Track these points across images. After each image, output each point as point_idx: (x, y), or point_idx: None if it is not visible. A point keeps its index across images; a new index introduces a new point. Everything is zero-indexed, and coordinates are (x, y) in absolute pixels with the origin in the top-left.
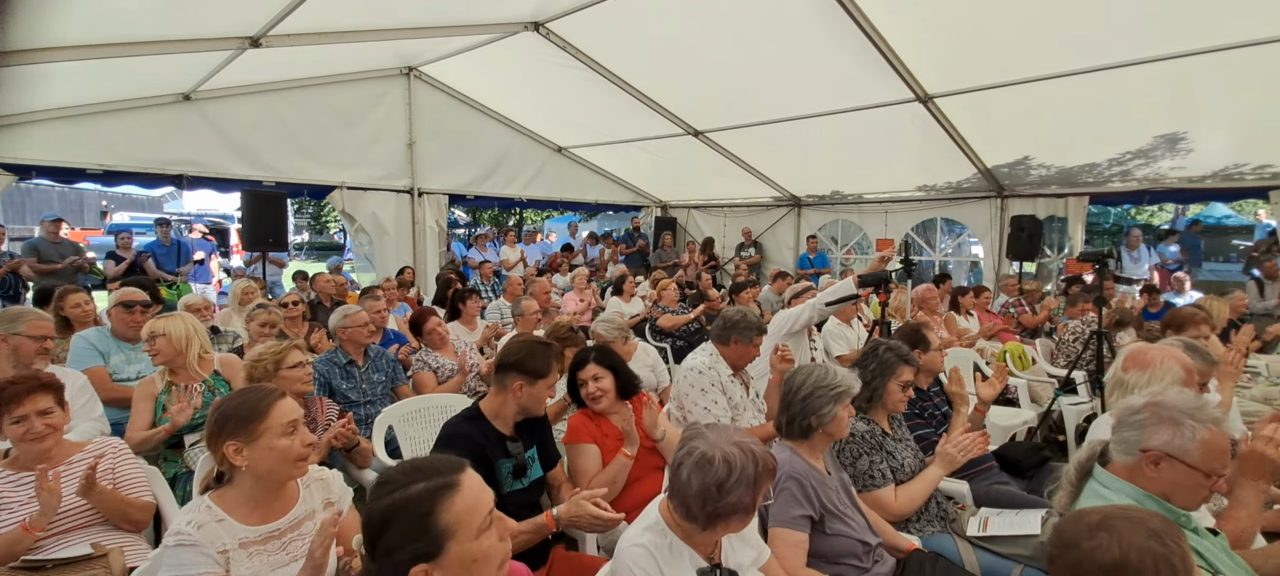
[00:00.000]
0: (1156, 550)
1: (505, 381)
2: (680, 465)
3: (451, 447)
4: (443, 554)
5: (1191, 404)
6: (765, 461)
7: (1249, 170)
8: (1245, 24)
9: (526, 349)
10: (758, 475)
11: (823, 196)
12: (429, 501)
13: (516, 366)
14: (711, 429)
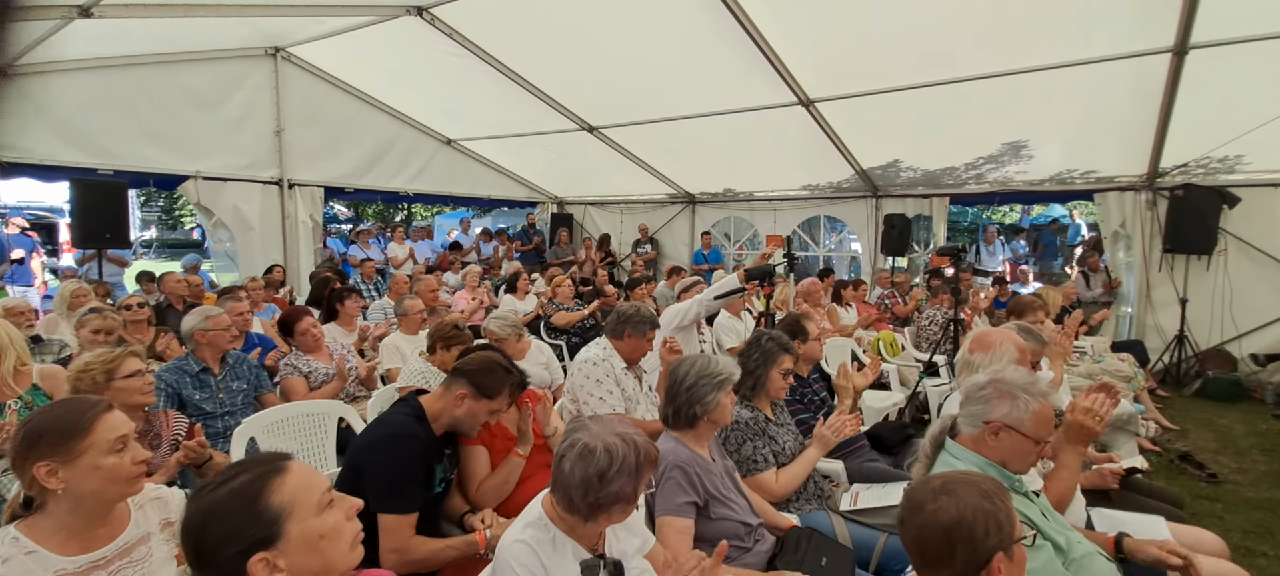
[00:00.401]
0: (987, 508)
1: (452, 387)
2: (563, 457)
3: (405, 448)
4: (282, 536)
5: (1026, 380)
6: (647, 451)
7: (1078, 175)
8: (1072, 46)
9: (486, 364)
10: (639, 464)
11: (716, 194)
12: (255, 486)
13: (469, 376)
14: (595, 420)
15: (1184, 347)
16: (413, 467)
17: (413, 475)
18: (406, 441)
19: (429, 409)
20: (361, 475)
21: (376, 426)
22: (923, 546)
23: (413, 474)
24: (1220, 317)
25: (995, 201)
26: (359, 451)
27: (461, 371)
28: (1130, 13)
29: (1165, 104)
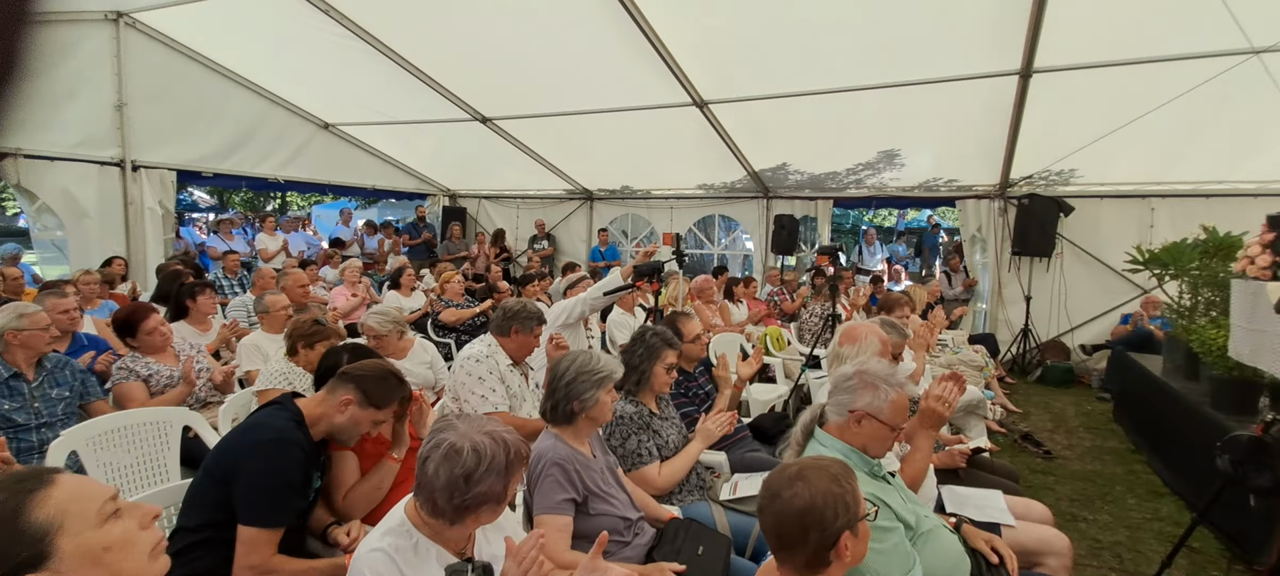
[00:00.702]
0: (836, 492)
1: (337, 391)
2: (427, 459)
3: (287, 455)
4: (52, 554)
5: (887, 371)
6: (517, 448)
7: (943, 183)
8: (937, 64)
9: (380, 372)
10: (510, 462)
11: (614, 190)
12: (10, 506)
13: (358, 382)
14: (461, 419)
15: (1028, 339)
16: (292, 476)
17: (293, 484)
18: (288, 448)
19: (307, 413)
20: (228, 483)
21: (252, 430)
22: (779, 531)
23: (293, 483)
24: (1057, 313)
25: (873, 205)
26: (229, 456)
27: (351, 376)
28: (985, 37)
29: (1014, 121)
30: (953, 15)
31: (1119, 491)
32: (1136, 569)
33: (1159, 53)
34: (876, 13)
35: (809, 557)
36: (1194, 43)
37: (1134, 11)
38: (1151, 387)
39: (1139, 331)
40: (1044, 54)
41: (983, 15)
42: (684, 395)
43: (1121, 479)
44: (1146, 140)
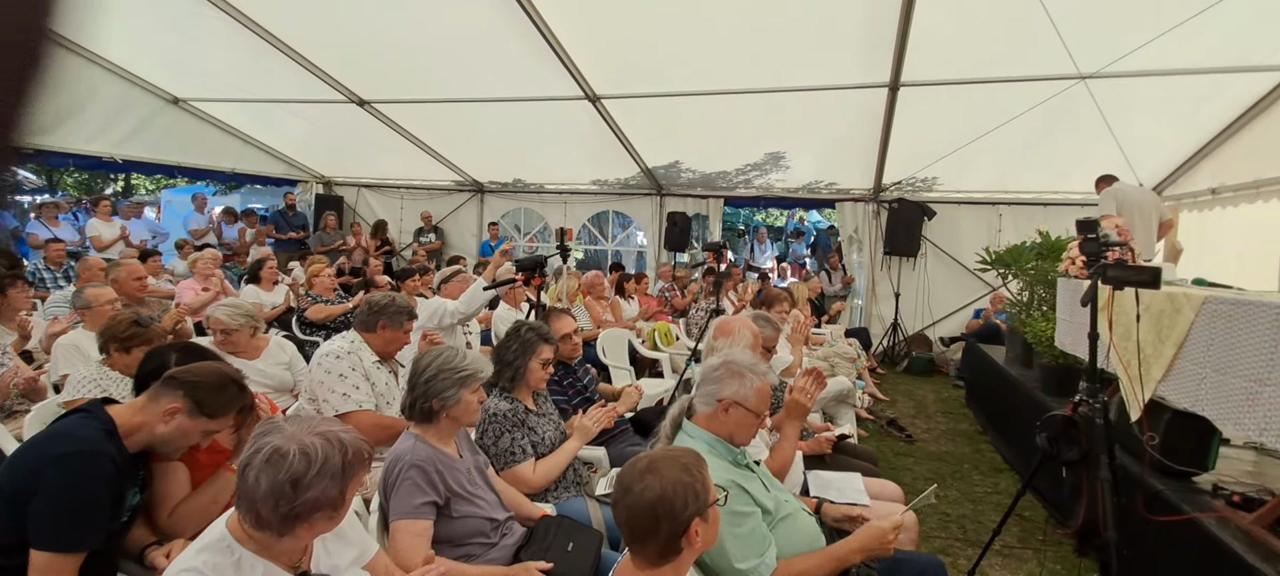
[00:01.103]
0: (686, 480)
1: (161, 397)
2: (247, 466)
3: (92, 470)
4: None
5: (753, 361)
6: (356, 449)
7: (824, 185)
8: (818, 73)
9: (213, 377)
10: (346, 464)
11: (505, 184)
12: None
13: (189, 388)
14: (291, 421)
15: (897, 333)
16: (99, 494)
17: (98, 503)
18: (95, 461)
19: (122, 422)
20: (21, 502)
21: (50, 441)
22: (632, 524)
23: (98, 502)
24: (922, 308)
25: (761, 205)
26: (24, 471)
27: (179, 382)
28: (859, 50)
29: (885, 130)
30: (828, 30)
31: (966, 469)
32: (978, 537)
33: (1004, 74)
34: (759, 22)
35: (661, 546)
36: (1033, 66)
37: (983, 36)
38: (995, 375)
39: (988, 325)
40: (909, 70)
41: (855, 32)
42: (565, 389)
43: (969, 458)
44: (994, 153)
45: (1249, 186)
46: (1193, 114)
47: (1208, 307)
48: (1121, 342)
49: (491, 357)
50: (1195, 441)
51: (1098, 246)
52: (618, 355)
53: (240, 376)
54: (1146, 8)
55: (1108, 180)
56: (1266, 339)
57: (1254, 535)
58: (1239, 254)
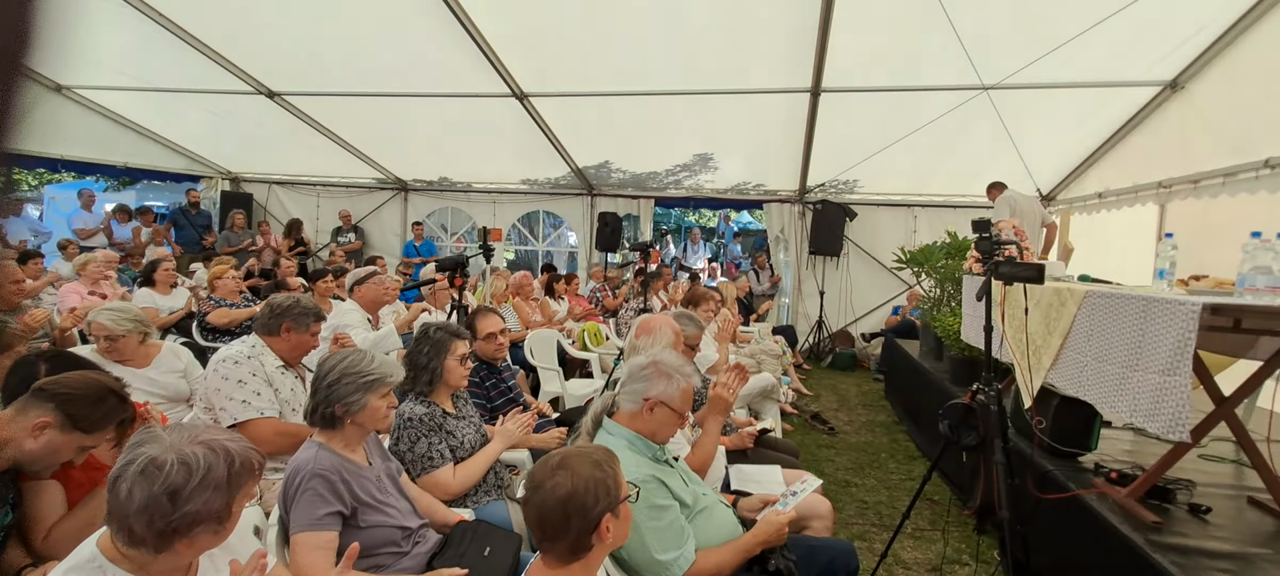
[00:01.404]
0: (597, 476)
1: (29, 410)
2: (118, 478)
3: None
4: None
5: (680, 363)
6: (244, 458)
7: (751, 187)
8: (744, 76)
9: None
10: (233, 474)
11: (431, 182)
12: None
13: (60, 401)
14: (172, 430)
15: (822, 330)
16: None
17: None
18: None
19: None
20: None
21: None
22: (542, 522)
23: None
24: (845, 306)
25: (691, 205)
26: None
27: (50, 393)
28: (782, 55)
29: (808, 134)
30: (753, 35)
31: (884, 458)
32: (892, 521)
33: (915, 83)
34: (686, 25)
35: (572, 543)
36: (942, 77)
37: (896, 47)
38: (910, 368)
39: (904, 321)
40: (829, 76)
41: (778, 38)
42: (488, 391)
43: (887, 447)
44: (909, 157)
45: (1129, 191)
46: (1081, 124)
47: (1088, 301)
48: (1014, 335)
49: (404, 363)
50: (1080, 424)
51: (990, 245)
52: (546, 356)
53: (120, 386)
54: (1039, 26)
55: (999, 187)
56: (1135, 328)
57: (1127, 508)
58: (1122, 252)
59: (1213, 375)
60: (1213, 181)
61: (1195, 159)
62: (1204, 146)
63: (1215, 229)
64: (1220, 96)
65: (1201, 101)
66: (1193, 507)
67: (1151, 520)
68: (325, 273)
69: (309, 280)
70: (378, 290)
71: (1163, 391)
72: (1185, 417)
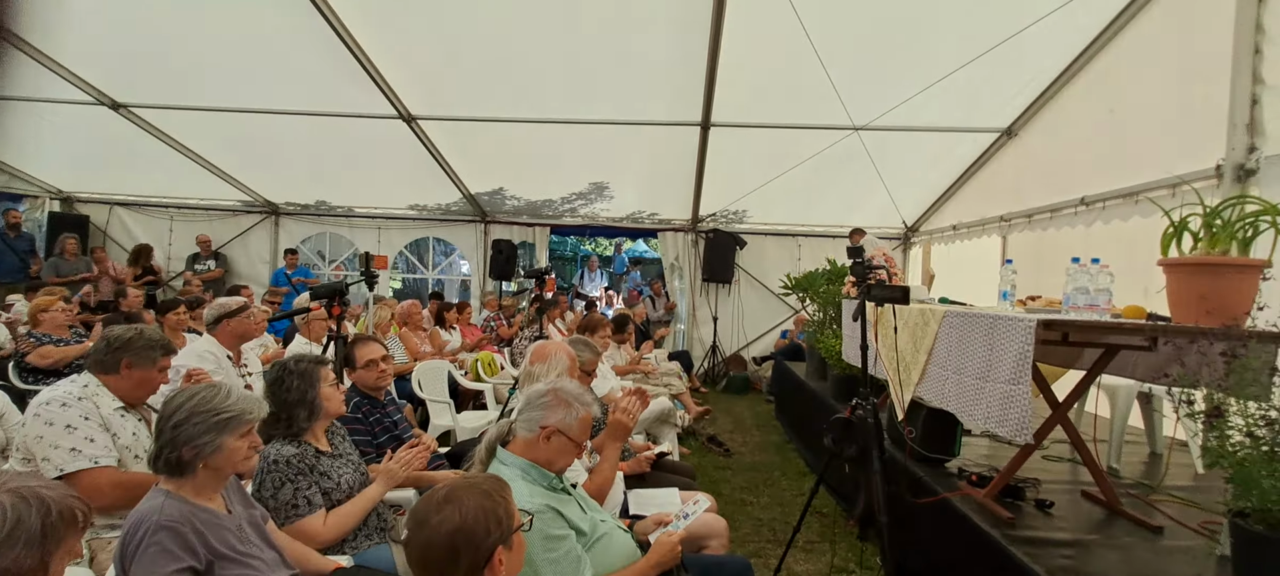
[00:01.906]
0: (487, 506)
1: None
2: None
3: None
4: None
5: (580, 391)
6: (64, 508)
7: (646, 215)
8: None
9: None
10: (48, 527)
11: (306, 206)
12: None
13: None
14: None
15: (716, 354)
16: None
17: None
18: None
19: None
20: None
21: None
22: (427, 561)
23: None
24: (738, 331)
25: (587, 233)
26: None
27: None
28: (674, 89)
29: (699, 165)
30: (646, 68)
31: (776, 476)
32: (785, 536)
33: (796, 121)
34: (579, 55)
35: None
36: (819, 116)
37: (778, 87)
38: (798, 388)
39: (792, 344)
40: (718, 111)
41: (670, 72)
42: (371, 426)
43: (779, 466)
44: (792, 190)
45: (977, 224)
46: (937, 163)
47: (947, 320)
48: (887, 352)
49: (270, 402)
50: (944, 433)
51: (864, 269)
52: (436, 388)
53: None
54: (899, 75)
55: (860, 232)
56: (985, 344)
57: (986, 506)
58: (974, 279)
59: (1049, 384)
60: (1042, 215)
61: (1028, 196)
62: (1035, 186)
63: (1046, 256)
64: (1045, 142)
65: (1030, 146)
66: (1039, 503)
67: (1006, 516)
68: (177, 303)
69: (159, 311)
70: (246, 325)
71: (1010, 399)
72: (1029, 421)
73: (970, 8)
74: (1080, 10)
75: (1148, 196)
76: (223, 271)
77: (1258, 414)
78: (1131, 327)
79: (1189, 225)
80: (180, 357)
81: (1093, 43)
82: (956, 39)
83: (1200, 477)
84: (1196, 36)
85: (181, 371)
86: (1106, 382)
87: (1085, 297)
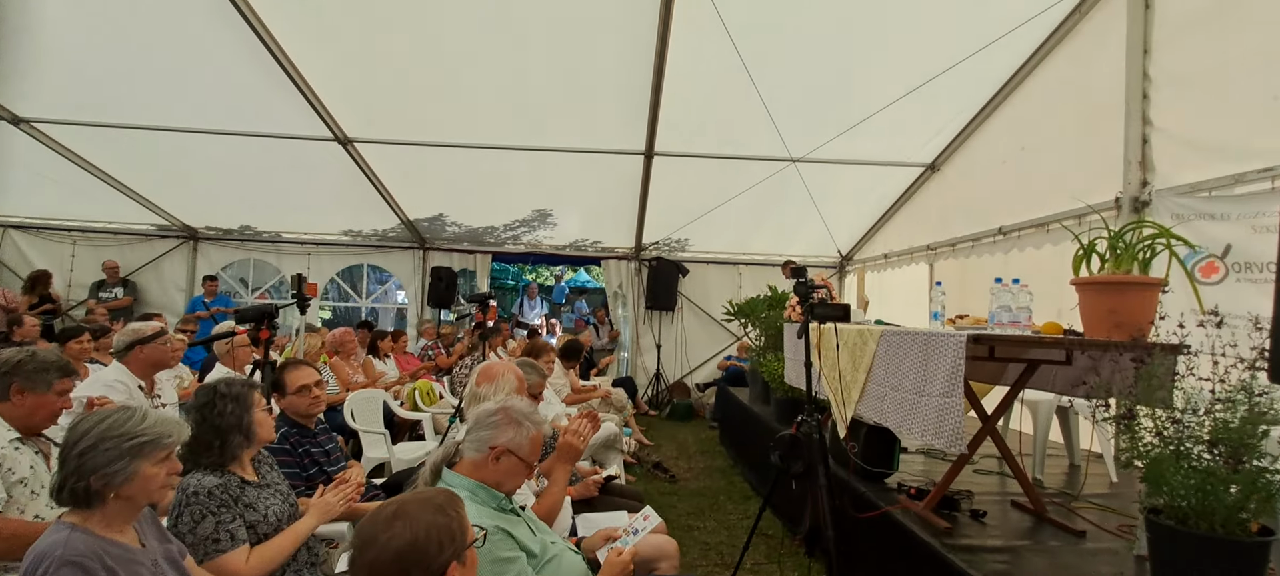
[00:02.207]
0: (441, 522)
1: None
2: None
3: None
4: None
5: (530, 410)
6: None
7: (589, 243)
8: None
9: None
10: None
11: (229, 231)
12: None
13: None
14: None
15: (660, 381)
16: None
17: None
18: None
19: None
20: None
21: None
22: None
23: None
24: (681, 358)
25: (529, 261)
26: None
27: None
28: (618, 118)
29: (643, 193)
30: (591, 97)
31: (722, 501)
32: (733, 559)
33: (736, 152)
34: (527, 84)
35: None
36: (758, 148)
37: (719, 118)
38: (742, 413)
39: (734, 369)
40: (661, 141)
41: (615, 101)
42: (300, 457)
43: (724, 490)
44: (733, 219)
45: (906, 252)
46: (868, 195)
47: (884, 339)
48: (829, 372)
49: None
50: (884, 449)
51: (807, 289)
52: (370, 419)
53: None
54: (832, 110)
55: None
56: (919, 359)
57: (924, 517)
58: (904, 302)
59: (979, 398)
60: (965, 244)
61: (952, 226)
62: (957, 216)
63: (970, 281)
64: (965, 176)
65: (952, 180)
66: (973, 513)
67: (944, 526)
68: (80, 331)
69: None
70: (162, 352)
71: (945, 411)
72: (962, 431)
73: (896, 50)
74: (994, 55)
75: (1058, 225)
76: (132, 300)
77: (1165, 416)
78: (1051, 342)
79: (1097, 248)
80: (83, 387)
81: (1004, 85)
82: (884, 78)
83: (1115, 485)
84: (1094, 82)
85: (82, 402)
86: (1029, 398)
87: (1008, 314)
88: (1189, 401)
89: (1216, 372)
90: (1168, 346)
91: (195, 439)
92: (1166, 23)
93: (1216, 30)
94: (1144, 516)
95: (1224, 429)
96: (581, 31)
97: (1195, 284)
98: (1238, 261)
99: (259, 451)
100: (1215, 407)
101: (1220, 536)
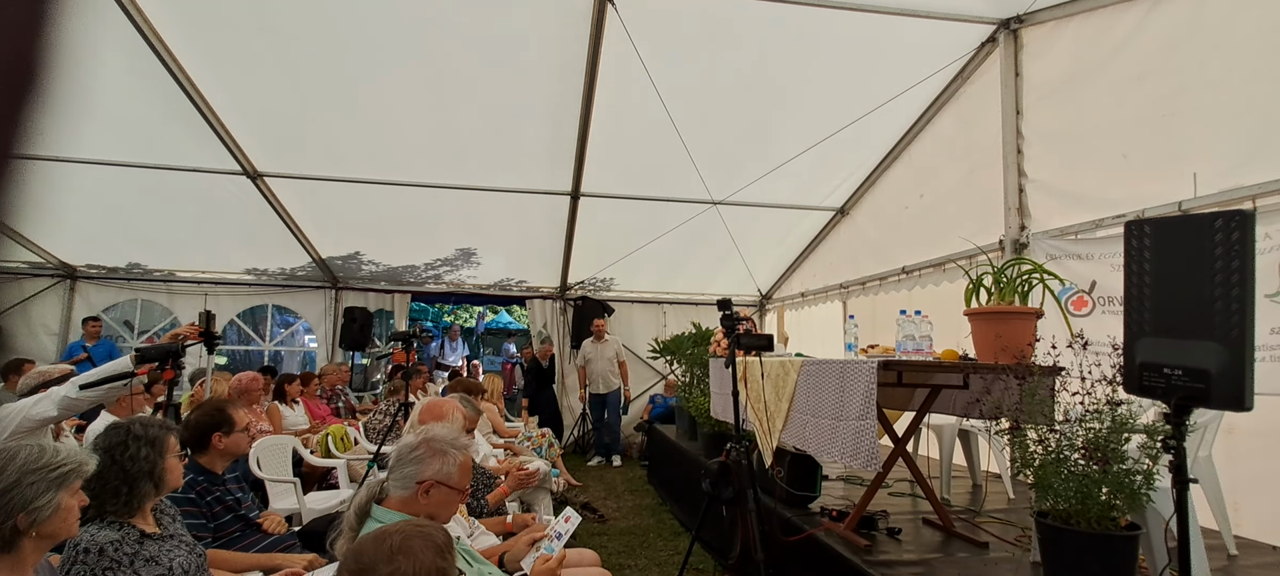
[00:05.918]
0: (440, 566)
1: None
2: None
3: None
4: None
5: (454, 435)
6: None
7: (514, 283)
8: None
9: None
10: None
11: (114, 269)
12: None
13: None
14: None
15: (586, 421)
16: None
17: None
18: None
19: None
20: None
21: None
22: None
23: None
24: None
25: (451, 301)
26: None
27: None
28: (546, 159)
29: (569, 233)
30: (518, 138)
31: (652, 537)
32: None
33: (660, 194)
34: (448, 119)
35: None
36: (681, 190)
37: (644, 161)
38: (670, 450)
39: (661, 407)
40: (588, 182)
41: (542, 143)
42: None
43: (654, 528)
44: (657, 259)
45: (821, 291)
46: (784, 238)
47: (804, 369)
48: (754, 402)
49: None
50: (807, 476)
51: (732, 320)
52: (277, 468)
53: None
54: (751, 157)
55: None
56: (836, 386)
57: (846, 537)
58: (822, 339)
59: (891, 423)
60: (873, 282)
61: (861, 266)
62: (866, 257)
63: (879, 316)
64: (870, 221)
65: (860, 224)
66: (889, 531)
67: (864, 544)
68: None
69: None
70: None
71: (860, 433)
72: (877, 454)
73: (808, 103)
74: (891, 112)
75: (952, 264)
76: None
77: (1046, 428)
78: (950, 366)
79: (984, 282)
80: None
81: (901, 139)
82: (797, 128)
83: (1012, 501)
84: (978, 139)
85: None
86: (934, 422)
87: (913, 343)
88: (1066, 414)
89: (1083, 388)
90: (1046, 368)
91: (101, 482)
92: (1033, 89)
93: (1075, 97)
94: (1035, 520)
95: (1094, 437)
96: (509, 74)
97: (1066, 313)
98: (1102, 295)
99: (160, 500)
100: (1086, 419)
101: (1096, 532)
